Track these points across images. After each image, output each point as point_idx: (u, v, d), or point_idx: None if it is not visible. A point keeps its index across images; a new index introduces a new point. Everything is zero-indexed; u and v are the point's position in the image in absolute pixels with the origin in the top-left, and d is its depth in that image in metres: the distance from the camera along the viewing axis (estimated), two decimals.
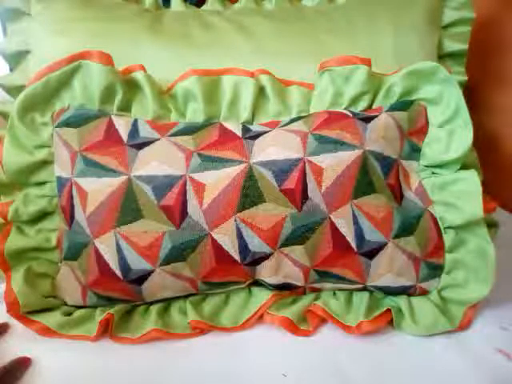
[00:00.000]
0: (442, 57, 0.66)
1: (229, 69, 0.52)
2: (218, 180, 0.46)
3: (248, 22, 0.61)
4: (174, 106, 0.52)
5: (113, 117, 0.50)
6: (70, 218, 0.48)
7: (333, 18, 0.63)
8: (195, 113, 0.52)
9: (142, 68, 0.51)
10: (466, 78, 0.65)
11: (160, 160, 0.47)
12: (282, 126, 0.50)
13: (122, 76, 0.50)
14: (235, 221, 0.45)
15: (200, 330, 0.48)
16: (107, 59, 0.49)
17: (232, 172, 0.46)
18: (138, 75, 0.50)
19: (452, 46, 0.65)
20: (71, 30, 0.56)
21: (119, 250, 0.45)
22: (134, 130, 0.49)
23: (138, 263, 0.45)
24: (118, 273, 0.46)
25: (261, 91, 0.52)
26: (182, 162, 0.47)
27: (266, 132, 0.50)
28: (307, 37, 0.60)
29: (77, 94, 0.50)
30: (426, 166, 0.51)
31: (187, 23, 0.60)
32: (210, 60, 0.55)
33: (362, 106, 0.52)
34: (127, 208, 0.45)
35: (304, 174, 0.46)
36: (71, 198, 0.47)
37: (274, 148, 0.47)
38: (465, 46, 0.64)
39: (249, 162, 0.47)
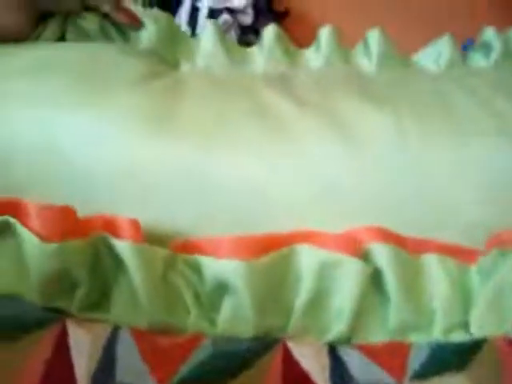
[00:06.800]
0: None
1: (307, 234, 0.26)
2: None
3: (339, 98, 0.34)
4: (193, 298, 0.26)
5: (68, 324, 0.24)
6: None
7: (476, 90, 0.35)
8: (236, 318, 0.25)
9: (134, 228, 0.25)
10: None
11: None
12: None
13: (88, 247, 0.24)
14: None
15: None
16: (56, 221, 0.23)
17: None
18: (122, 247, 0.24)
19: None
20: None
21: None
22: (108, 360, 0.24)
23: None
24: None
25: (372, 279, 0.25)
26: None
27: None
28: (446, 120, 0.32)
29: (3, 272, 0.24)
30: None
31: (225, 105, 0.33)
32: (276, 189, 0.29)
33: None
34: None
35: None
36: None
37: None
38: None
39: None
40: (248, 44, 0.49)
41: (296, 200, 0.29)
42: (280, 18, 0.62)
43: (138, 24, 0.40)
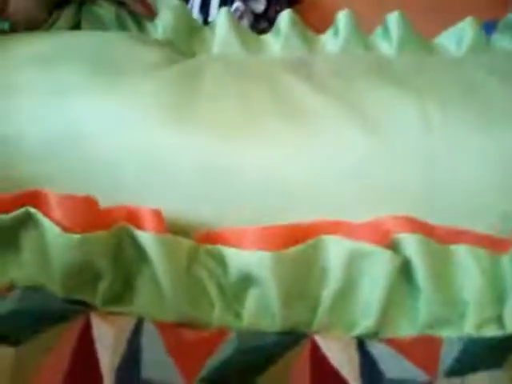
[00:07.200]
0: None
1: (333, 223, 0.25)
2: None
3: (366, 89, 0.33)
4: (217, 290, 0.25)
5: (92, 317, 0.24)
6: None
7: (500, 73, 0.34)
8: (262, 311, 0.24)
9: (157, 219, 0.24)
10: None
11: None
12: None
13: (111, 238, 0.24)
14: None
15: None
16: (78, 211, 0.23)
17: None
18: (145, 237, 0.24)
19: None
20: None
21: None
22: (133, 353, 0.23)
23: None
24: None
25: (401, 269, 0.24)
26: None
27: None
28: (470, 104, 0.31)
29: (26, 263, 0.24)
30: None
31: (244, 93, 0.33)
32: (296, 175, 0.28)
33: None
34: None
35: None
36: None
37: None
38: None
39: None
40: (261, 31, 0.48)
41: (321, 188, 0.28)
42: (292, 4, 0.61)
43: (152, 14, 0.39)
